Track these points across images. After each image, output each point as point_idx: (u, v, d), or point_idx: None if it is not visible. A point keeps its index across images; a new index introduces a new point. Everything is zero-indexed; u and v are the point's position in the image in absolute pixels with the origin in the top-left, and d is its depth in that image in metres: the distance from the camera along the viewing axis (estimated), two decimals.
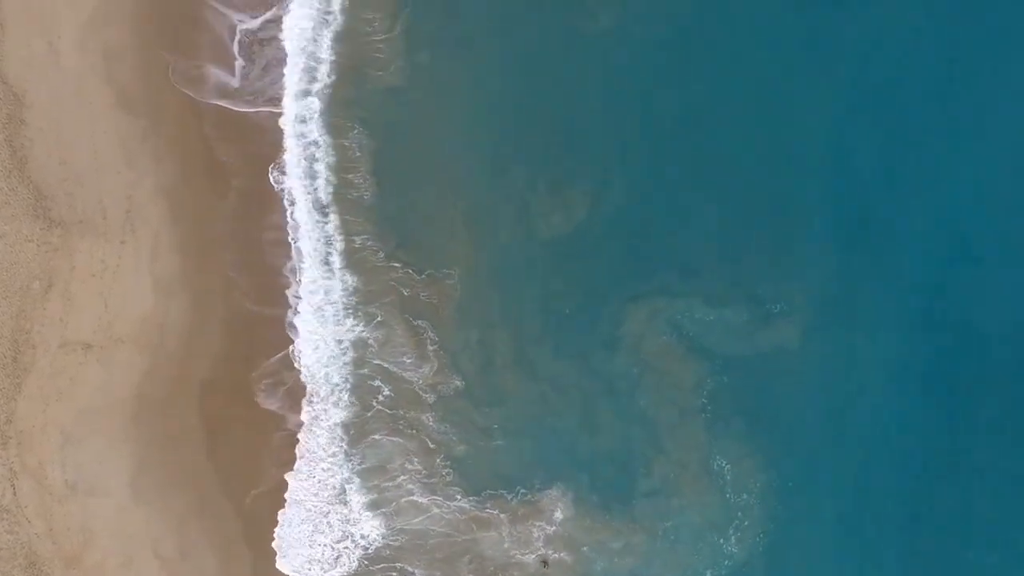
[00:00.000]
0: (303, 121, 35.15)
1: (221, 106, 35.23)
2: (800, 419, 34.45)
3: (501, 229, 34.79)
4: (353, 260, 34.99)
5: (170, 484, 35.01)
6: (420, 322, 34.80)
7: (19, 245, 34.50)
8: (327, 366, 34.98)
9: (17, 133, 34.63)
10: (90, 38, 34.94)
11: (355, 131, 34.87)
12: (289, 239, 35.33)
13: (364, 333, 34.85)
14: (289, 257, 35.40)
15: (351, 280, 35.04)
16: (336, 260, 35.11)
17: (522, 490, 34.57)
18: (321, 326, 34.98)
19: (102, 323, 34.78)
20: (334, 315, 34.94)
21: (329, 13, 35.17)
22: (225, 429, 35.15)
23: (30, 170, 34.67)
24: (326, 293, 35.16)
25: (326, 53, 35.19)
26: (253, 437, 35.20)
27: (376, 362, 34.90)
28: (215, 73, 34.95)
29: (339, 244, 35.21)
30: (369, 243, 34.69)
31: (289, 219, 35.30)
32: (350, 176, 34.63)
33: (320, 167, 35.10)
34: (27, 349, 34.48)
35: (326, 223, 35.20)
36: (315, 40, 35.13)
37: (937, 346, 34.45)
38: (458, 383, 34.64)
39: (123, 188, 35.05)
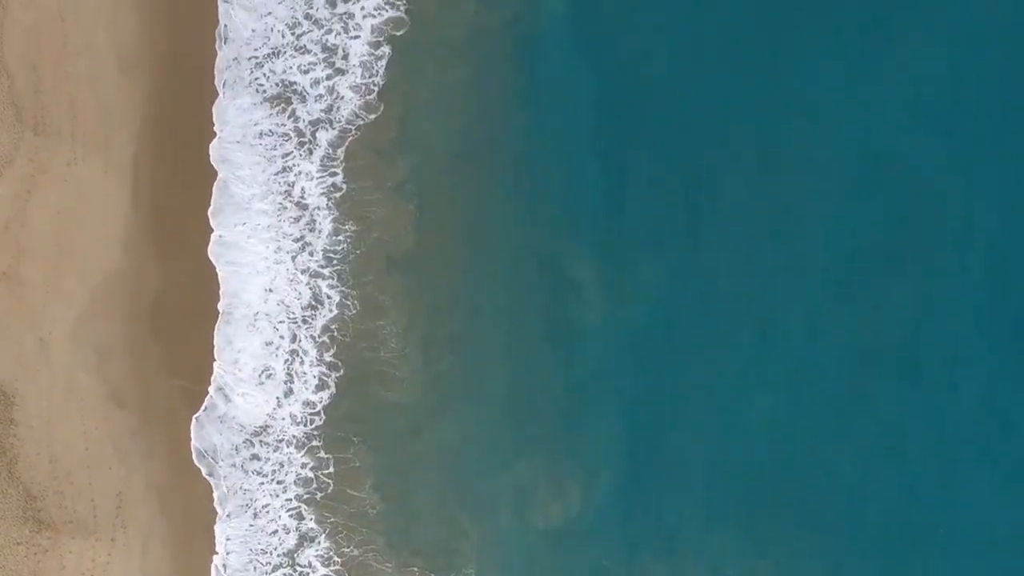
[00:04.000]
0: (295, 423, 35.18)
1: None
2: None
3: (503, 523, 34.97)
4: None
5: None
6: None
7: (8, 548, 33.91)
8: None
9: (6, 433, 34.10)
10: (82, 333, 34.47)
11: (356, 445, 34.67)
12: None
13: None
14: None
15: None
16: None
17: None
18: None
19: None
20: None
21: (331, 325, 35.19)
22: None
23: (19, 471, 34.17)
24: None
25: (328, 372, 35.20)
26: None
27: None
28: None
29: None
30: (370, 553, 34.57)
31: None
32: (351, 491, 34.60)
33: (289, 477, 34.87)
34: None
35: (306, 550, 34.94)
36: (313, 355, 35.15)
37: None
38: None
39: (114, 484, 34.65)
